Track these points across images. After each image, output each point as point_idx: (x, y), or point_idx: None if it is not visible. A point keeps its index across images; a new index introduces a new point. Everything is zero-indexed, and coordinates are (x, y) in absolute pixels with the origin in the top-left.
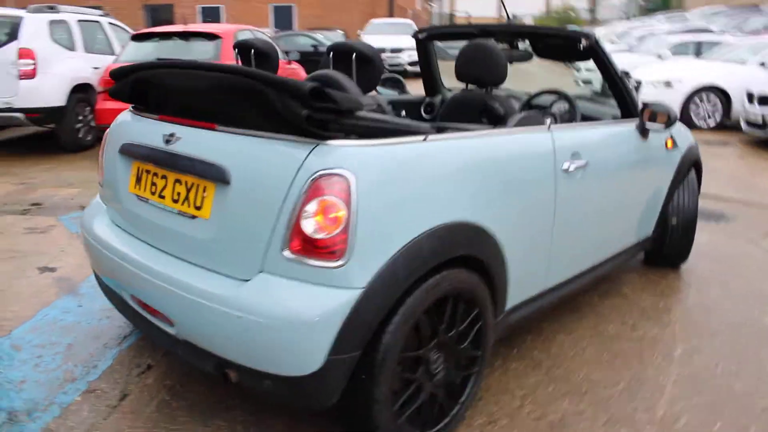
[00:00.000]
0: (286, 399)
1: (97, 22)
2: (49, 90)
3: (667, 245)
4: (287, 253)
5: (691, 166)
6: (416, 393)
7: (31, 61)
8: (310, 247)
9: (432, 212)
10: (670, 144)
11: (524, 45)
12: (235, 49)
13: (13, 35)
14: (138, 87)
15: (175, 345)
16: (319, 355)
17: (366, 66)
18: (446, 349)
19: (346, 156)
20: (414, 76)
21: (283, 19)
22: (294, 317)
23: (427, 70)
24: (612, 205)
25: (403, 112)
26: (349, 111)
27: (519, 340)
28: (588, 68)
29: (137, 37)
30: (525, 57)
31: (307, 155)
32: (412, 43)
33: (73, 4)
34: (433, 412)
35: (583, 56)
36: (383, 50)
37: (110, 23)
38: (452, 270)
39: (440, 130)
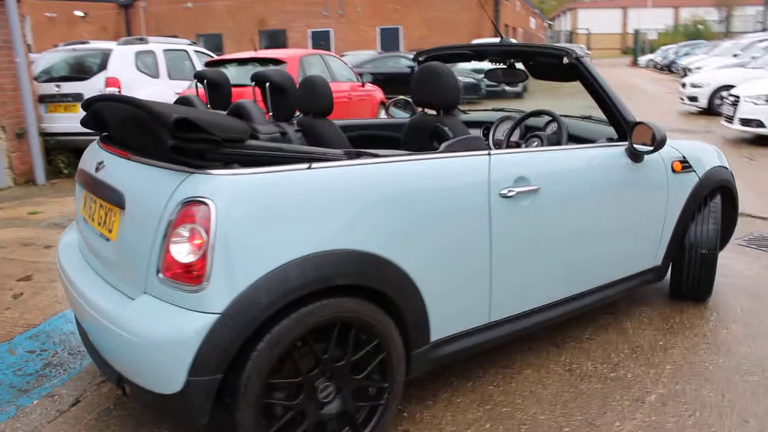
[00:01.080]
0: (168, 415)
1: (183, 50)
2: None
3: (685, 277)
4: (161, 276)
5: (714, 192)
6: (299, 420)
7: (116, 90)
8: (177, 271)
9: (306, 240)
10: (678, 167)
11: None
12: (194, 79)
13: (103, 65)
14: (94, 118)
15: (99, 362)
16: (180, 375)
17: (280, 95)
18: (339, 378)
19: (210, 185)
20: (492, 96)
21: (390, 40)
22: (154, 338)
23: None
24: (585, 233)
25: None
26: (229, 140)
27: (480, 372)
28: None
29: (210, 64)
30: (519, 77)
31: (179, 183)
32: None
33: (197, 30)
34: None
35: (570, 75)
36: (480, 71)
37: (196, 51)
38: (336, 299)
39: (358, 156)
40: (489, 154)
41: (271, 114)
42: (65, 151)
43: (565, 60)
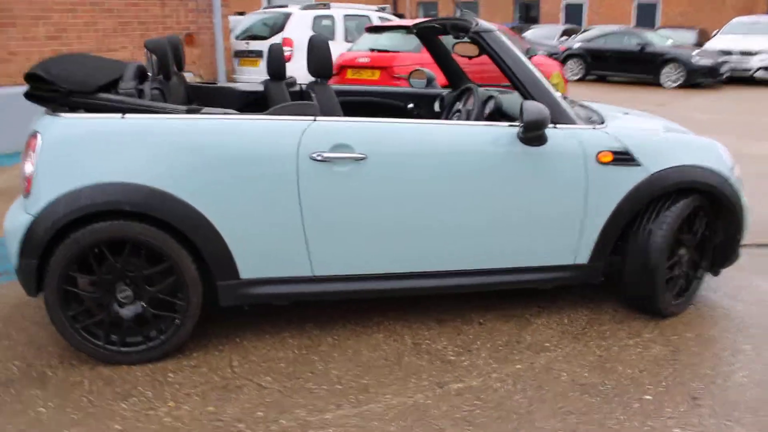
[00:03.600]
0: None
1: (365, 16)
2: (301, 72)
3: (625, 285)
4: (23, 188)
5: (679, 194)
6: (97, 311)
7: (289, 49)
8: (24, 185)
9: (104, 172)
10: (606, 158)
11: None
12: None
13: (282, 27)
14: None
15: None
16: (15, 256)
17: (157, 58)
18: (136, 286)
19: (43, 123)
20: (766, 83)
21: (646, 16)
22: (6, 229)
23: (440, 63)
24: (443, 210)
25: (410, 105)
26: (75, 91)
27: (337, 326)
28: None
29: (370, 30)
30: (475, 53)
31: (38, 120)
32: None
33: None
34: (122, 332)
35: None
36: (729, 53)
37: (380, 17)
38: (125, 221)
39: (193, 112)
40: (313, 120)
41: (151, 73)
42: None
43: (469, 33)
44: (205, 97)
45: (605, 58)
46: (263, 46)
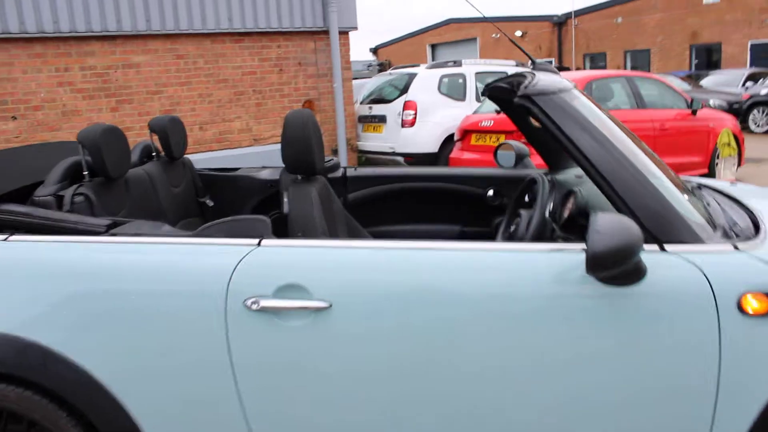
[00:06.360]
0: None
1: (502, 72)
2: (424, 137)
3: None
4: None
5: None
6: None
7: (412, 112)
8: None
9: None
10: (759, 305)
11: None
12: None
13: (406, 89)
14: None
15: None
16: None
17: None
18: None
19: None
20: None
21: None
22: None
23: (527, 134)
24: (461, 388)
25: (490, 192)
26: None
27: None
28: None
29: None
30: None
31: None
32: None
33: (625, 47)
34: None
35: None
36: None
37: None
38: None
39: (112, 228)
40: (257, 245)
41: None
42: None
43: (514, 100)
44: (219, 188)
45: None
46: (387, 110)
